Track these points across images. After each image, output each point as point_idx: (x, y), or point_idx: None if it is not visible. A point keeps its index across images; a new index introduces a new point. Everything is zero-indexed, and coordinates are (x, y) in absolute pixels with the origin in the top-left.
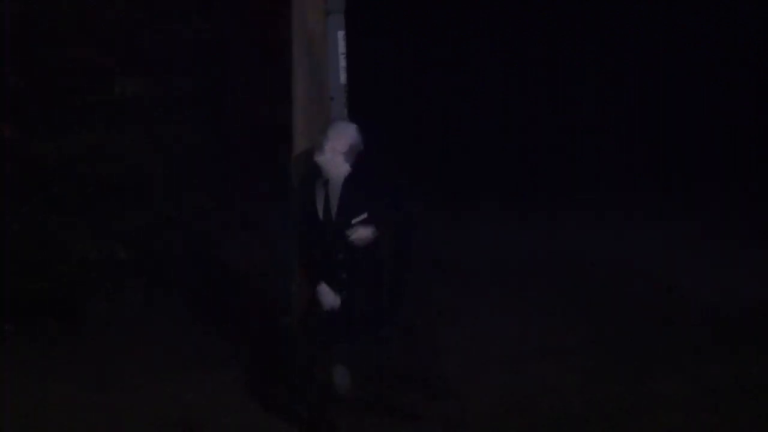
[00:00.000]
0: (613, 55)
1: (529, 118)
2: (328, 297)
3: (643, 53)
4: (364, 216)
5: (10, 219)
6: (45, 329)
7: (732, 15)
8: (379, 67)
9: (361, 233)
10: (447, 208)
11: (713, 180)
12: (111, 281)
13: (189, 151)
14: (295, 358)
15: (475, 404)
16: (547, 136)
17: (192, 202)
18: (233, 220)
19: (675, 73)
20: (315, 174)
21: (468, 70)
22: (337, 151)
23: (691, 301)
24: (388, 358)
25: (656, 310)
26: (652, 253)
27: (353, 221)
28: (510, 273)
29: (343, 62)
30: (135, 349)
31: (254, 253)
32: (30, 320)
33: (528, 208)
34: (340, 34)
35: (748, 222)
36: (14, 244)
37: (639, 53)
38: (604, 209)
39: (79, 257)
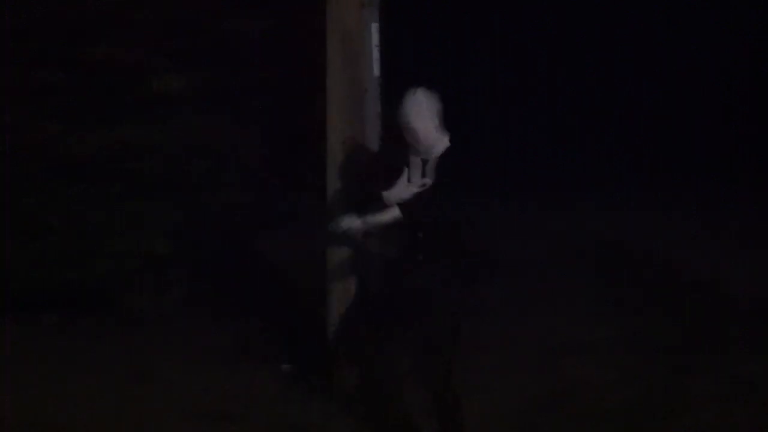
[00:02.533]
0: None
1: (561, 114)
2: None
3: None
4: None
5: (51, 212)
6: (84, 321)
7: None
8: (412, 59)
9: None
10: (475, 199)
11: (750, 175)
12: (150, 275)
13: (227, 146)
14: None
15: (507, 400)
16: (577, 134)
17: (230, 196)
18: (271, 215)
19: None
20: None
21: (499, 60)
22: (437, 124)
23: (727, 296)
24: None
25: (692, 305)
26: (687, 248)
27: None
28: (540, 266)
29: (376, 54)
30: (172, 342)
31: (292, 247)
32: (69, 312)
33: (558, 202)
34: (374, 26)
35: None
36: (55, 238)
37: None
38: (637, 204)
39: (118, 251)
